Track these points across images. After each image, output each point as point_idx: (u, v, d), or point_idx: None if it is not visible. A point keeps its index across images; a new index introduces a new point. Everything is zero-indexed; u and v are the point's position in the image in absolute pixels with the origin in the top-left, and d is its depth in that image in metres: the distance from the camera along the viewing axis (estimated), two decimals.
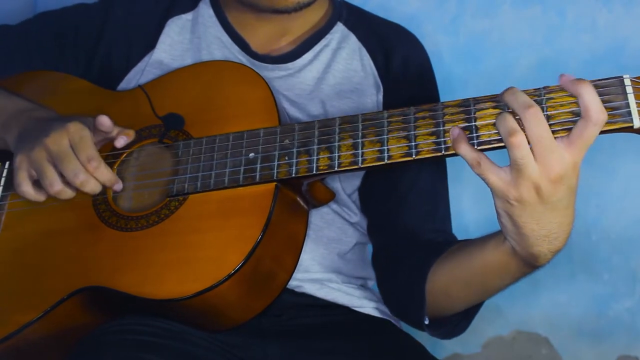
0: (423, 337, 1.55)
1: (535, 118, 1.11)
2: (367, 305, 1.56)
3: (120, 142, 1.43)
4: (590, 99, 1.10)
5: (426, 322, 1.42)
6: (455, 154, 1.19)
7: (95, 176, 1.36)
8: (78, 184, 1.35)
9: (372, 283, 1.64)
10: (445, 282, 1.39)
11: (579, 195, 1.18)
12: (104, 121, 1.40)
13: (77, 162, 1.35)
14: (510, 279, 1.30)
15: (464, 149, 1.16)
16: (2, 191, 1.49)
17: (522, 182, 1.12)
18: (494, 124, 1.17)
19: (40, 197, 1.40)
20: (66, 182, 1.36)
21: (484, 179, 1.15)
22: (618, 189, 2.07)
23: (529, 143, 1.12)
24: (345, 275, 1.56)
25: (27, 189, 1.38)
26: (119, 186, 1.40)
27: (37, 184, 1.39)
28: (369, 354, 1.44)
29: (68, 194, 1.37)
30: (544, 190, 1.12)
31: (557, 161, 1.11)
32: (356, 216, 1.58)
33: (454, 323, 1.44)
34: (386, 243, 1.56)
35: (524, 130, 1.11)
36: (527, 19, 2.08)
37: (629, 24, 2.03)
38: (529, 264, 1.24)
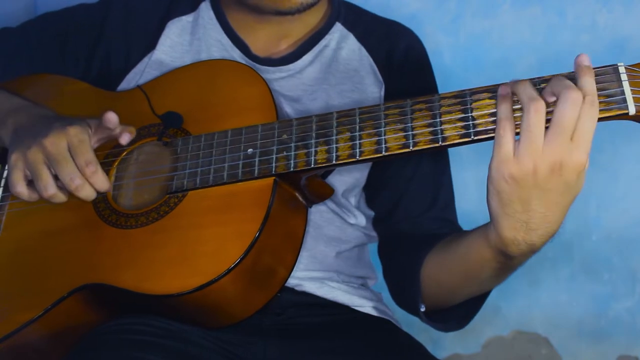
0: (423, 337, 1.55)
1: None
2: (367, 305, 1.56)
3: (125, 139, 1.42)
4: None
5: (422, 310, 1.44)
6: (452, 145, 1.21)
7: (91, 181, 1.35)
8: (73, 189, 1.35)
9: (372, 283, 1.65)
10: (436, 270, 1.41)
11: (579, 195, 1.18)
12: (112, 117, 1.40)
13: (73, 166, 1.34)
14: (489, 269, 1.31)
15: (503, 107, 1.17)
16: (2, 192, 1.49)
17: (526, 155, 1.13)
18: (490, 114, 1.19)
19: (34, 196, 1.39)
20: (60, 186, 1.36)
21: (498, 143, 1.15)
22: (618, 190, 2.07)
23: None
24: (345, 275, 1.57)
25: (21, 189, 1.37)
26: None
27: (31, 184, 1.38)
28: (369, 354, 1.43)
29: (61, 198, 1.37)
30: (540, 173, 1.13)
31: (560, 148, 1.12)
32: (354, 218, 1.59)
33: (454, 321, 1.46)
34: (390, 233, 1.57)
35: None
36: (527, 19, 2.08)
37: (629, 24, 2.03)
38: (502, 252, 1.25)
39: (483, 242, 1.27)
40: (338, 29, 1.64)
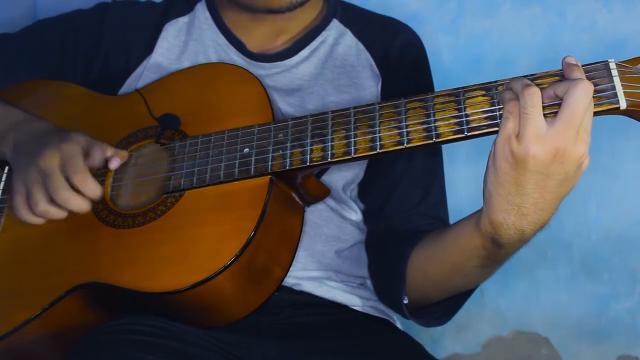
0: (422, 337, 1.55)
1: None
2: (365, 304, 1.56)
3: (113, 165, 1.42)
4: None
5: (405, 302, 1.44)
6: (445, 142, 1.22)
7: (82, 190, 1.34)
8: (62, 202, 1.34)
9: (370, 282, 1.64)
10: (424, 259, 1.41)
11: (579, 195, 1.18)
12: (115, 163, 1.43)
13: (61, 179, 1.34)
14: (476, 259, 1.30)
15: (510, 92, 1.16)
16: (2, 194, 1.49)
17: (526, 136, 1.12)
18: (483, 111, 1.20)
19: (37, 220, 1.38)
20: (52, 201, 1.35)
21: (505, 118, 1.15)
22: (618, 190, 2.06)
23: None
24: (344, 274, 1.57)
25: (23, 212, 1.37)
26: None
27: None
28: (368, 353, 1.44)
29: (55, 213, 1.36)
30: (542, 158, 1.12)
31: (568, 134, 1.11)
32: (356, 214, 1.59)
33: (434, 316, 1.47)
34: (379, 227, 1.57)
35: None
36: (527, 19, 2.08)
37: (629, 24, 2.02)
38: (491, 239, 1.24)
39: (473, 228, 1.27)
40: (335, 25, 1.66)
